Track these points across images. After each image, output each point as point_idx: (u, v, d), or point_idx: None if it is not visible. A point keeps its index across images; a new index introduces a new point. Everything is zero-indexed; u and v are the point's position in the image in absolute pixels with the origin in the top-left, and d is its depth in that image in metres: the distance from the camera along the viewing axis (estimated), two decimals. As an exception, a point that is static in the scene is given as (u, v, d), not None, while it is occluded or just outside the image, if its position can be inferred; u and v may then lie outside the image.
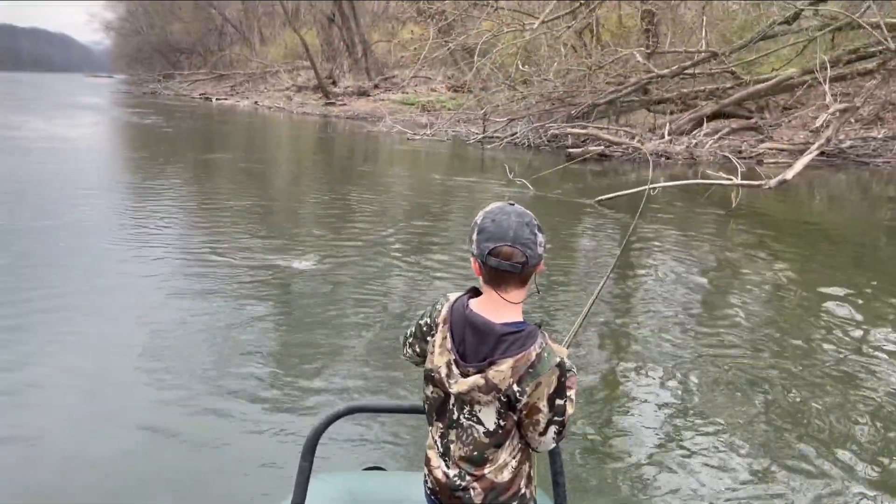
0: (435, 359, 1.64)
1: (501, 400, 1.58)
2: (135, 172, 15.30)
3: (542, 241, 1.61)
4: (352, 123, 29.61)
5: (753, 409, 4.23)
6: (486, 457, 1.64)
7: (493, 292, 1.60)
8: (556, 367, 1.56)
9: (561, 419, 1.62)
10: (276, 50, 55.80)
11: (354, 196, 11.79)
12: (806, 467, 3.59)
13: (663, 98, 19.39)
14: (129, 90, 66.27)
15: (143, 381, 4.41)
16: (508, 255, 1.56)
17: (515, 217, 1.59)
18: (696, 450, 3.72)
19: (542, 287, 6.27)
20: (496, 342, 1.56)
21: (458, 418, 1.65)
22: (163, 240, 8.19)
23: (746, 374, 4.72)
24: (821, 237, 9.55)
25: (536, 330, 1.59)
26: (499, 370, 1.54)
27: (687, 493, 3.36)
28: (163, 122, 29.07)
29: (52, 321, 5.45)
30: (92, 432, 3.82)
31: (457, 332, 1.62)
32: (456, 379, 1.60)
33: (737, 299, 6.47)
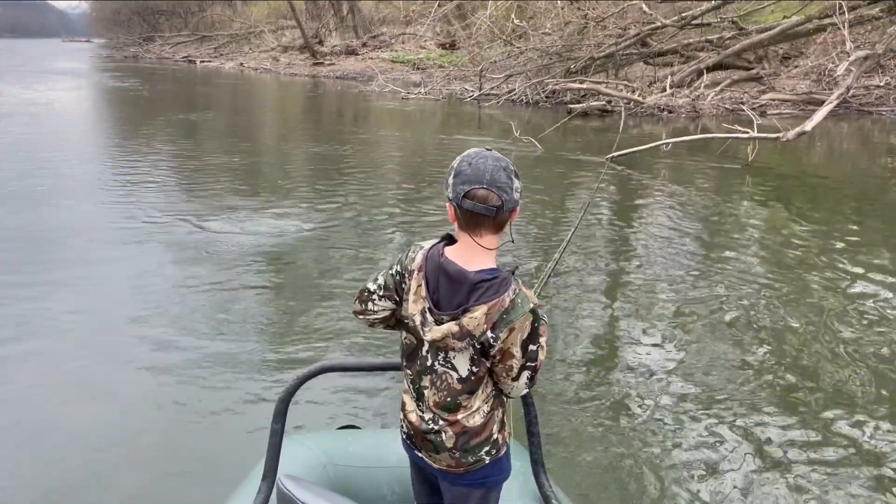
0: (409, 306, 1.64)
1: (475, 346, 1.59)
2: (119, 136, 15.04)
3: (518, 187, 1.60)
4: (342, 83, 29.01)
5: (750, 359, 4.15)
6: (460, 402, 1.65)
7: (467, 237, 1.59)
8: (530, 312, 1.57)
9: (534, 364, 1.64)
10: (259, 10, 54.44)
11: (350, 157, 11.51)
12: (808, 423, 3.52)
13: (663, 50, 19.01)
14: (110, 55, 64.82)
15: (131, 348, 4.35)
16: (484, 198, 1.54)
17: (492, 161, 1.57)
18: (681, 399, 3.63)
19: (554, 245, 6.10)
20: (470, 289, 1.56)
21: (432, 364, 1.66)
22: (148, 203, 8.06)
23: (742, 323, 4.68)
24: (830, 189, 9.37)
25: (510, 276, 1.59)
26: (473, 317, 1.54)
27: (670, 446, 3.29)
28: (144, 85, 28.45)
29: (38, 287, 5.39)
30: (70, 399, 3.80)
31: (431, 279, 1.62)
32: (430, 326, 1.60)
33: (742, 253, 6.31)
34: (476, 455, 1.69)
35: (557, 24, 18.87)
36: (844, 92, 10.81)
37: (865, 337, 4.51)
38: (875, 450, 3.30)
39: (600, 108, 16.83)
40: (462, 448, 1.68)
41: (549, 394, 3.78)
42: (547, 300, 5.18)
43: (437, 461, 1.72)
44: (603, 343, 4.53)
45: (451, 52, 29.76)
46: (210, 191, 8.84)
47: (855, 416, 3.58)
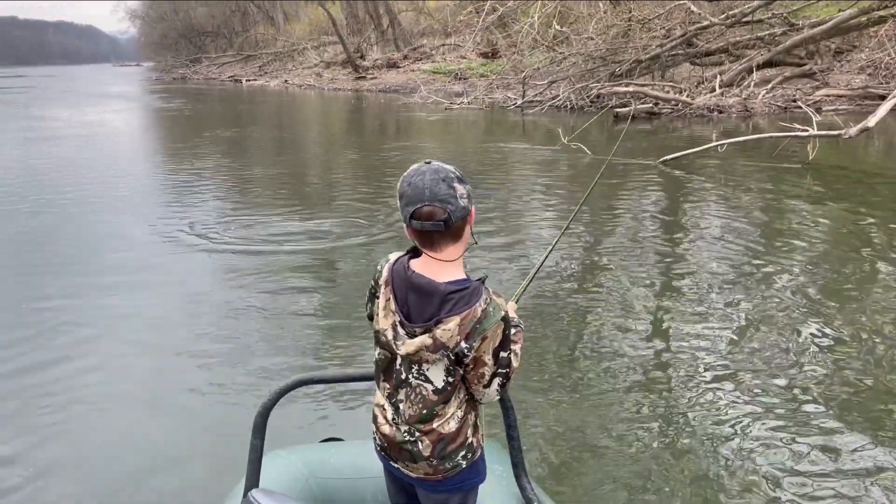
0: (380, 321, 1.65)
1: (450, 357, 1.58)
2: (167, 153, 15.37)
3: (463, 193, 1.57)
4: (385, 96, 29.19)
5: (812, 366, 3.87)
6: (436, 412, 1.65)
7: (427, 254, 1.59)
8: (501, 320, 1.57)
9: (505, 371, 1.65)
10: (301, 27, 55.35)
11: (394, 169, 11.39)
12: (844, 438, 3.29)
13: (710, 50, 18.62)
14: (159, 77, 66.58)
15: (182, 362, 4.35)
16: (429, 214, 1.54)
17: (430, 175, 1.56)
18: (729, 407, 3.39)
19: (616, 249, 5.94)
20: (441, 301, 1.55)
21: (406, 378, 1.65)
22: (195, 215, 8.21)
23: (807, 325, 4.43)
24: (893, 187, 8.99)
25: (480, 286, 1.58)
26: (446, 328, 1.54)
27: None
28: (192, 105, 29.12)
29: (96, 300, 5.48)
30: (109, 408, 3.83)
31: (399, 293, 1.61)
32: (403, 340, 1.60)
33: (806, 255, 6.04)
34: (453, 461, 1.69)
35: (601, 27, 18.63)
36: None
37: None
38: None
39: (647, 110, 16.55)
40: (439, 455, 1.67)
41: (594, 397, 3.64)
42: (595, 303, 5.04)
43: (414, 470, 1.71)
44: (650, 347, 4.36)
45: (493, 60, 29.71)
46: (256, 203, 8.94)
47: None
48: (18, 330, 4.96)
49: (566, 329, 4.77)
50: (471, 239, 1.66)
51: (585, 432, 3.46)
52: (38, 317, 5.20)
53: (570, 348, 4.47)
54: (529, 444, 3.36)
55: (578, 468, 3.21)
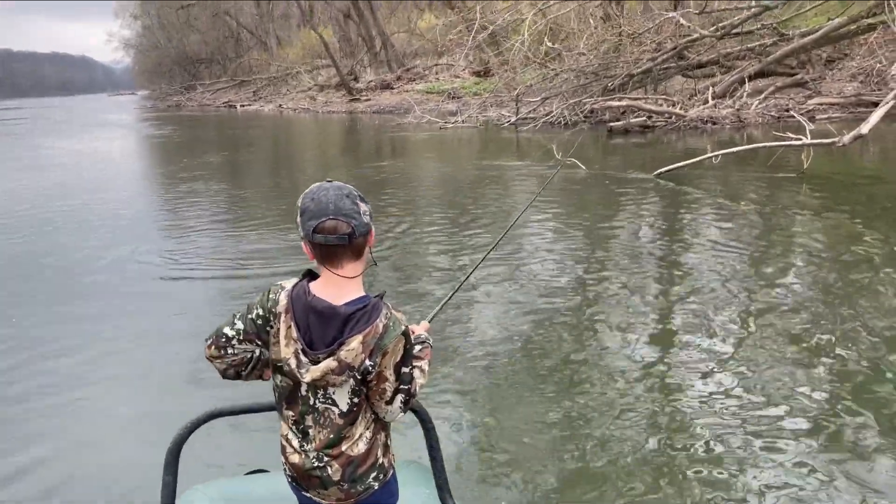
0: (281, 350, 1.61)
1: (356, 377, 1.58)
2: (160, 179, 15.36)
3: (366, 210, 1.60)
4: (380, 117, 29.26)
5: (811, 375, 3.80)
6: (343, 435, 1.64)
7: (328, 271, 1.59)
8: (402, 335, 1.58)
9: (407, 387, 1.64)
10: (294, 51, 55.64)
11: (390, 189, 11.43)
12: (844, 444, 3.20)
13: (701, 62, 18.69)
14: (154, 105, 66.92)
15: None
16: (333, 228, 1.55)
17: (334, 191, 1.58)
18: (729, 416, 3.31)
19: (598, 268, 5.88)
20: (343, 323, 1.55)
21: (313, 403, 1.63)
22: (192, 248, 8.16)
23: (804, 335, 4.36)
24: (889, 194, 8.95)
25: (380, 302, 1.59)
26: (350, 349, 1.54)
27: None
28: (186, 132, 29.25)
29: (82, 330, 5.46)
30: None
31: (301, 319, 1.59)
32: (307, 367, 1.58)
33: (805, 264, 5.98)
34: (364, 483, 1.68)
35: (592, 43, 18.71)
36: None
37: None
38: None
39: (641, 124, 16.57)
40: (350, 479, 1.66)
41: (583, 404, 3.56)
42: (592, 316, 4.97)
43: (326, 497, 1.69)
44: (646, 360, 4.31)
45: (485, 78, 29.82)
46: (246, 227, 8.89)
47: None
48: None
49: (561, 342, 4.71)
50: (369, 259, 1.65)
51: (586, 448, 3.39)
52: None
53: (565, 362, 4.41)
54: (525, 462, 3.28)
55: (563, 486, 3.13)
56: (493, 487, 3.17)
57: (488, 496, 3.11)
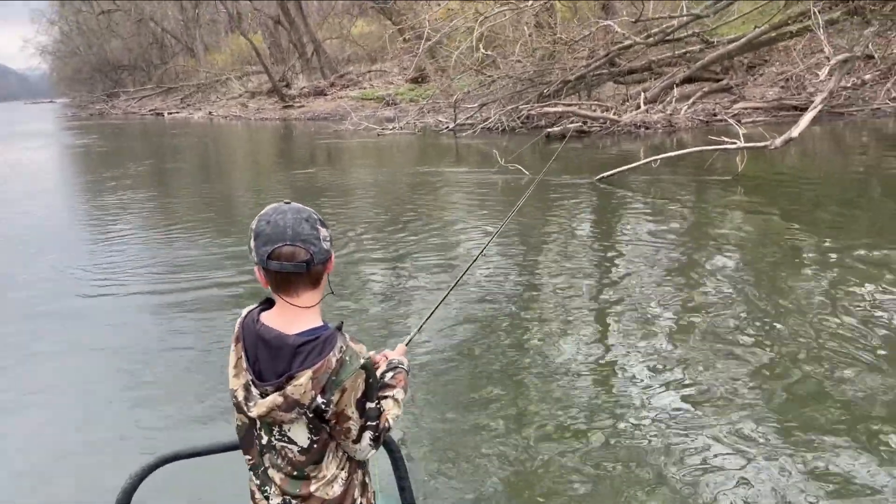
0: (231, 381, 1.53)
1: (308, 415, 1.46)
2: (87, 192, 14.89)
3: (326, 236, 1.51)
4: (315, 124, 28.99)
5: (751, 366, 4.05)
6: (308, 474, 1.52)
7: (282, 300, 1.49)
8: (361, 369, 1.47)
9: (375, 423, 1.55)
10: (222, 57, 54.61)
11: (327, 197, 11.40)
12: (787, 425, 3.51)
13: (632, 68, 19.25)
14: (75, 113, 64.54)
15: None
16: (290, 255, 1.46)
17: (292, 214, 1.48)
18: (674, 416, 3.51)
19: (566, 274, 6.01)
20: (292, 355, 1.44)
21: (269, 441, 1.53)
22: (116, 260, 8.08)
23: (741, 331, 4.64)
24: (815, 193, 9.43)
25: (335, 334, 1.47)
26: (298, 384, 1.42)
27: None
28: (109, 141, 28.46)
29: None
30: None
31: (250, 349, 1.51)
32: (255, 401, 1.48)
33: (739, 262, 6.29)
34: None
35: (527, 50, 19.04)
36: (828, 96, 10.92)
37: (859, 335, 4.52)
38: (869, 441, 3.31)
39: (577, 129, 16.94)
40: None
41: (531, 414, 3.68)
42: (530, 319, 5.09)
43: None
44: (587, 360, 4.49)
45: (420, 85, 29.94)
46: (175, 238, 8.80)
47: (850, 414, 3.59)
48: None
49: (503, 349, 4.81)
50: (327, 288, 1.57)
51: (534, 456, 3.49)
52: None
53: (507, 367, 4.51)
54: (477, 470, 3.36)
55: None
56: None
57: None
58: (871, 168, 11.06)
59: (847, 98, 16.79)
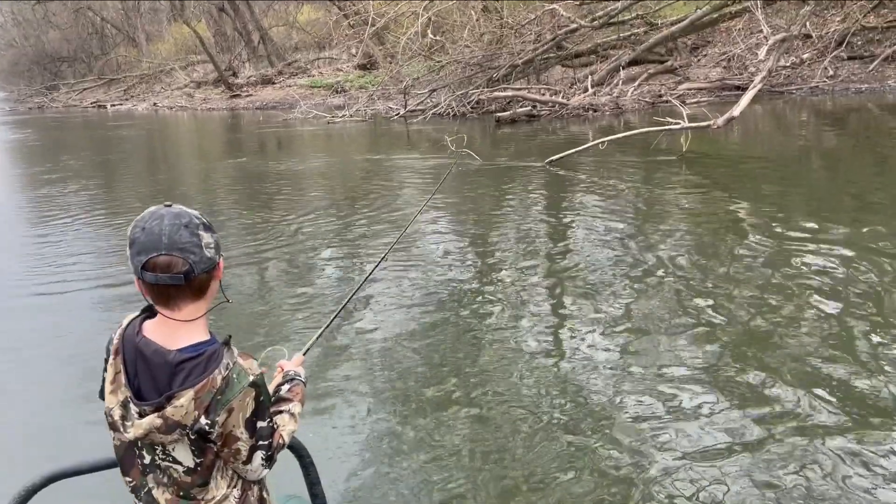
0: (107, 398, 1.39)
1: (191, 437, 1.36)
2: (24, 188, 14.42)
3: (210, 242, 1.39)
4: (263, 113, 28.59)
5: (704, 350, 4.22)
6: (195, 496, 1.43)
7: (162, 314, 1.38)
8: (251, 386, 1.37)
9: (267, 442, 1.44)
10: (166, 47, 53.26)
11: (276, 187, 11.30)
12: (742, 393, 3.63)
13: (579, 52, 19.46)
14: (13, 108, 62.25)
15: None
16: (166, 266, 1.33)
17: (170, 220, 1.35)
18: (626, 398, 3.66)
19: (503, 257, 6.08)
20: (172, 372, 1.33)
21: (152, 461, 1.42)
22: (53, 253, 7.88)
23: (689, 310, 4.78)
24: (758, 169, 9.73)
25: (221, 349, 1.37)
26: (178, 405, 1.31)
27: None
28: (48, 135, 27.57)
29: None
30: None
31: (130, 363, 1.38)
32: (132, 421, 1.36)
33: (686, 240, 6.49)
34: None
35: (475, 35, 19.08)
36: (767, 75, 11.24)
37: (804, 306, 4.70)
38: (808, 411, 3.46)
39: (527, 113, 17.08)
40: None
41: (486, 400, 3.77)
42: (492, 305, 5.18)
43: None
44: (543, 347, 4.55)
45: (370, 72, 29.74)
46: (119, 232, 8.59)
47: (798, 381, 3.73)
48: None
49: (457, 338, 4.82)
50: (219, 295, 1.46)
51: (490, 452, 3.56)
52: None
53: (459, 350, 4.54)
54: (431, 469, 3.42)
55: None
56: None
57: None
58: (810, 144, 11.44)
59: (786, 77, 17.28)
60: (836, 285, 5.08)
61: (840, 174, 9.16)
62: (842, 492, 2.89)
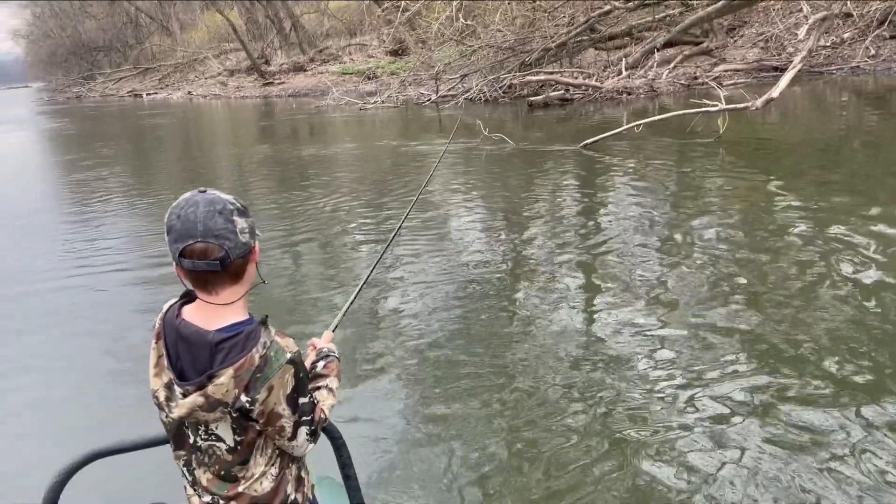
0: (152, 381, 1.45)
1: (232, 415, 1.40)
2: (65, 176, 14.71)
3: (244, 227, 1.41)
4: (296, 100, 28.77)
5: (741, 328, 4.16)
6: (235, 474, 1.47)
7: (201, 299, 1.42)
8: (289, 363, 1.40)
9: (309, 418, 1.48)
10: (199, 35, 53.80)
11: (311, 174, 11.39)
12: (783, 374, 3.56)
13: (613, 34, 19.21)
14: (52, 97, 63.52)
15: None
16: (202, 253, 1.36)
17: (204, 206, 1.38)
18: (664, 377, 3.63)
19: (516, 244, 6.06)
20: (212, 352, 1.37)
21: (195, 441, 1.47)
22: (95, 237, 8.08)
23: (728, 292, 4.70)
24: (797, 151, 9.55)
25: (259, 328, 1.40)
26: (219, 384, 1.35)
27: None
28: (90, 125, 28.01)
29: None
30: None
31: (171, 346, 1.43)
32: (176, 401, 1.41)
33: (729, 222, 6.40)
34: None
35: (507, 18, 18.96)
36: (807, 55, 10.97)
37: (844, 289, 4.61)
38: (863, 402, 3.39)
39: (560, 97, 16.95)
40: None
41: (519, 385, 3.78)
42: (526, 291, 5.17)
43: None
44: (581, 335, 4.50)
45: (401, 58, 29.73)
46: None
47: (842, 370, 3.66)
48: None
49: (490, 321, 4.81)
50: (256, 278, 1.49)
51: (523, 435, 3.57)
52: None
53: (494, 342, 4.48)
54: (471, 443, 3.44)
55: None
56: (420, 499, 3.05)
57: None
58: (851, 125, 11.19)
59: (826, 57, 16.89)
60: (879, 268, 4.99)
61: (882, 155, 8.95)
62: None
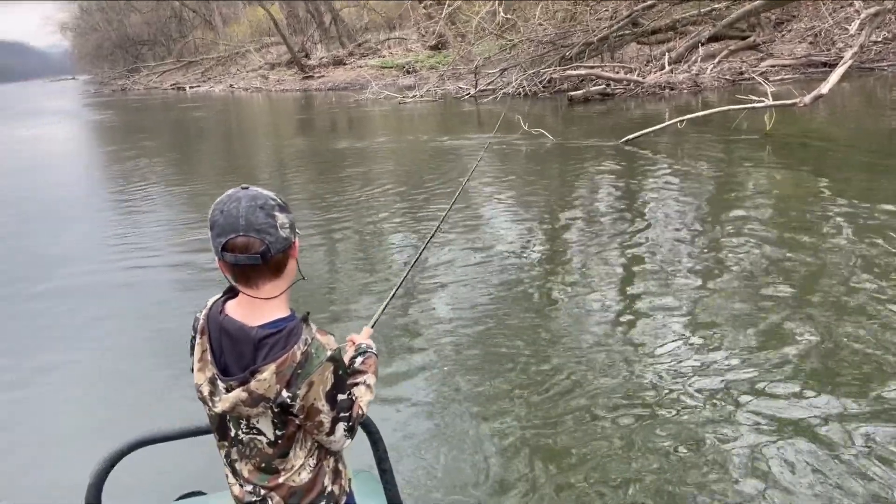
0: (196, 375, 1.48)
1: (274, 409, 1.44)
2: (109, 167, 14.98)
3: (285, 223, 1.44)
4: (336, 94, 28.93)
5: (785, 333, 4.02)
6: (276, 467, 1.52)
7: (244, 292, 1.45)
8: (329, 361, 1.43)
9: (347, 414, 1.51)
10: (241, 29, 54.47)
11: (350, 168, 11.41)
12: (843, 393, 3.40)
13: (656, 28, 18.90)
14: (97, 90, 64.87)
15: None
16: (245, 247, 1.39)
17: (247, 202, 1.41)
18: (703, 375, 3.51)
19: (598, 238, 5.96)
20: (255, 348, 1.41)
21: (236, 435, 1.52)
22: (141, 236, 8.13)
23: (774, 293, 4.54)
24: (847, 150, 9.26)
25: (300, 325, 1.43)
26: (262, 379, 1.38)
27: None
28: (133, 116, 28.47)
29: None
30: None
31: (215, 342, 1.47)
32: (220, 396, 1.45)
33: (772, 220, 6.23)
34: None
35: (547, 12, 18.78)
36: (858, 51, 10.63)
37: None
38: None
39: (600, 92, 16.74)
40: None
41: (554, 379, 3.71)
42: (569, 280, 5.09)
43: None
44: (621, 323, 4.45)
45: (440, 52, 29.70)
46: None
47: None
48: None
49: (527, 317, 4.77)
50: (297, 274, 1.52)
51: (560, 430, 3.51)
52: None
53: (532, 339, 4.43)
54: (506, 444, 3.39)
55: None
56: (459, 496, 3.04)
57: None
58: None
59: (878, 53, 16.39)
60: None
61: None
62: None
